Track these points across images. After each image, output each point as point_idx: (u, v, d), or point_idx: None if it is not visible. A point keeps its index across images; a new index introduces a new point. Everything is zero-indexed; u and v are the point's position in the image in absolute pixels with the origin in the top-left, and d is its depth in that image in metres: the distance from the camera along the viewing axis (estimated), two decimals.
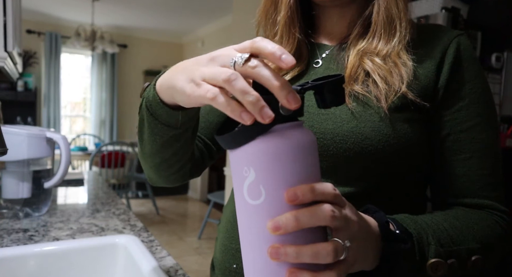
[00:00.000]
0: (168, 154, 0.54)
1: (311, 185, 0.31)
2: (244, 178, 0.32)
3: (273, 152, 0.31)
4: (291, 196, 0.30)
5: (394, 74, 0.53)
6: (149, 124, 0.49)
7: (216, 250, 0.67)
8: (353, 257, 0.34)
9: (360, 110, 0.53)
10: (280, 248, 0.30)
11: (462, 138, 0.53)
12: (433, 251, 0.44)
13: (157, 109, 0.46)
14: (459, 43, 0.55)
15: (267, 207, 0.31)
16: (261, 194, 0.31)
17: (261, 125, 0.31)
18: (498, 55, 1.91)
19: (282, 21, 0.61)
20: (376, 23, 0.56)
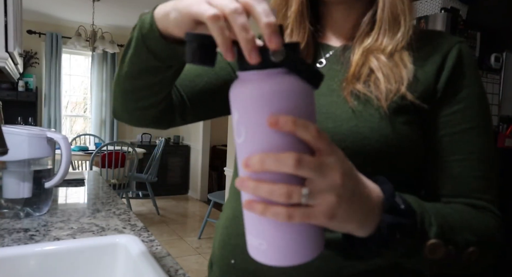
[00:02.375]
0: (142, 82, 0.55)
1: (294, 118, 0.32)
2: (233, 117, 0.35)
3: (251, 95, 0.32)
4: (272, 119, 0.32)
5: (395, 74, 0.53)
6: (136, 45, 0.49)
7: (214, 246, 0.67)
8: (325, 210, 0.34)
9: (361, 109, 0.53)
10: (244, 180, 0.33)
11: (457, 139, 0.54)
12: (433, 232, 0.43)
13: (149, 33, 0.46)
14: (460, 49, 0.56)
15: (246, 146, 0.34)
16: (241, 133, 0.34)
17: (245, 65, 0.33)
18: (497, 56, 1.91)
19: (293, 15, 0.61)
20: (381, 20, 0.57)
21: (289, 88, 0.33)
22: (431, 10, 1.86)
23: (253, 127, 0.33)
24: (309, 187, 0.33)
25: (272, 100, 0.32)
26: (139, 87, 0.55)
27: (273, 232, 0.34)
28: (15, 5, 1.70)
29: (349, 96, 0.54)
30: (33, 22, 5.06)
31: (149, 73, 0.52)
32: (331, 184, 0.34)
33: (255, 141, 0.33)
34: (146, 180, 4.25)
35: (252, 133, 0.33)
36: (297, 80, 0.33)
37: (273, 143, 0.33)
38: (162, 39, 0.45)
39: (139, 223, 0.91)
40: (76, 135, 5.23)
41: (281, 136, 0.33)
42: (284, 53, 0.32)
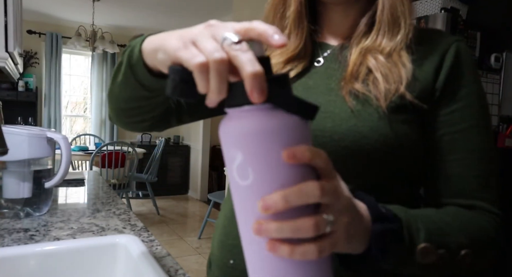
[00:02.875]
0: (133, 105, 0.55)
1: (307, 147, 0.31)
2: (233, 159, 0.32)
3: (258, 132, 0.31)
4: (290, 154, 0.30)
5: (394, 74, 0.53)
6: (125, 74, 0.49)
7: (213, 246, 0.67)
8: (341, 232, 0.34)
9: (360, 109, 0.53)
10: (263, 224, 0.31)
11: (456, 139, 0.54)
12: (422, 237, 0.43)
13: (136, 65, 0.46)
14: (458, 48, 0.56)
15: (256, 187, 0.31)
16: (249, 175, 0.31)
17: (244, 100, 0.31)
18: (497, 56, 1.91)
19: (292, 16, 0.61)
20: (381, 22, 0.57)
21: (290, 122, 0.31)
22: (431, 10, 1.86)
23: (264, 166, 0.31)
24: (330, 213, 0.32)
25: (284, 132, 0.31)
26: (131, 107, 0.55)
27: (300, 274, 0.32)
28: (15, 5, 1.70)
29: (347, 95, 0.54)
30: (33, 22, 5.06)
31: (140, 99, 0.52)
32: (344, 205, 0.34)
33: (268, 179, 0.31)
34: (146, 180, 4.25)
35: (263, 172, 0.31)
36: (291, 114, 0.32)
37: (288, 177, 0.31)
38: (150, 74, 0.45)
39: (139, 223, 0.91)
40: (76, 135, 5.23)
41: (293, 169, 0.31)
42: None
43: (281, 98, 0.31)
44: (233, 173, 0.32)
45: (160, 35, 0.40)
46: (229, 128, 0.32)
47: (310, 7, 0.63)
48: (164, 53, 0.38)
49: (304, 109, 0.32)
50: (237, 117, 0.32)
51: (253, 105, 0.31)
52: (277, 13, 0.63)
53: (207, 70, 0.32)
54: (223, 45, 0.32)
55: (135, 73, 0.47)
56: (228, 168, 0.33)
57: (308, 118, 0.32)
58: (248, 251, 0.34)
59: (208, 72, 0.32)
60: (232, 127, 0.32)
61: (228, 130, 0.32)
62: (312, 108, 0.32)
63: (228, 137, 0.32)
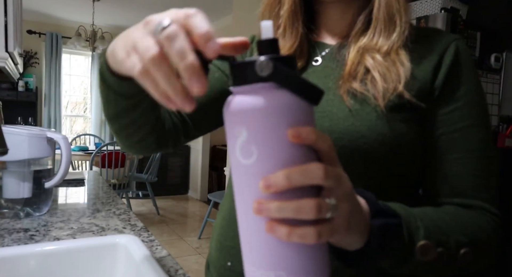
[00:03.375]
0: (124, 122, 0.54)
1: (312, 128, 0.31)
2: (237, 137, 0.32)
3: (265, 109, 0.30)
4: (295, 133, 0.30)
5: (392, 73, 0.53)
6: (103, 91, 0.49)
7: (211, 248, 0.67)
8: (342, 220, 0.33)
9: (358, 108, 0.53)
10: (263, 203, 0.30)
11: (455, 138, 0.54)
12: (421, 234, 0.43)
13: (107, 77, 0.45)
14: (457, 46, 0.55)
15: (259, 166, 0.31)
16: (252, 152, 0.31)
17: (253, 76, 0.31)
18: (497, 56, 1.91)
19: (285, 15, 0.61)
20: (377, 19, 0.57)
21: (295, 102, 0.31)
22: (431, 10, 1.86)
23: (268, 143, 0.30)
24: (333, 197, 0.32)
25: (290, 112, 0.31)
26: (125, 124, 0.55)
27: (296, 258, 0.31)
28: (15, 5, 1.70)
29: (345, 94, 0.54)
30: (33, 22, 5.06)
31: (128, 112, 0.52)
32: (345, 191, 0.34)
33: (271, 158, 0.31)
34: (146, 180, 4.25)
35: (267, 150, 0.31)
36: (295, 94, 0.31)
37: (291, 156, 0.31)
38: (121, 80, 0.45)
39: (139, 223, 0.91)
40: (76, 136, 5.23)
41: (297, 149, 0.31)
42: (270, 68, 0.30)
43: (287, 78, 0.31)
44: (236, 152, 0.32)
45: (114, 41, 0.39)
46: (234, 105, 0.32)
47: (307, 7, 0.63)
48: (117, 65, 0.38)
49: (309, 92, 0.31)
50: (243, 95, 0.32)
51: (259, 83, 0.31)
52: (271, 12, 0.63)
53: (150, 75, 0.31)
54: (158, 38, 0.31)
55: (109, 85, 0.47)
56: (231, 147, 0.33)
57: (313, 102, 0.32)
58: (245, 233, 0.33)
59: (151, 76, 0.31)
60: (237, 104, 0.31)
61: (233, 108, 0.32)
62: (317, 92, 0.31)
63: (232, 115, 0.32)
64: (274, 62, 0.30)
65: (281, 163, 0.31)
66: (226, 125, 0.33)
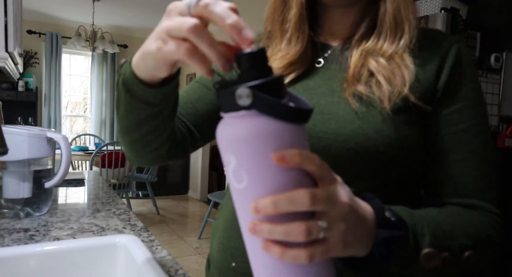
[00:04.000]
0: (145, 130, 0.54)
1: (298, 150, 0.31)
2: (228, 163, 0.33)
3: (248, 136, 0.31)
4: (278, 157, 0.30)
5: (397, 76, 0.53)
6: (126, 101, 0.49)
7: (212, 248, 0.66)
8: (336, 239, 0.33)
9: (364, 111, 0.53)
10: (257, 225, 0.32)
11: (457, 139, 0.54)
12: (427, 242, 0.43)
13: (133, 86, 0.46)
14: (459, 49, 0.56)
15: (250, 190, 0.32)
16: (243, 178, 0.32)
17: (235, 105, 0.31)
18: (497, 56, 1.91)
19: (293, 19, 0.60)
20: (383, 24, 0.56)
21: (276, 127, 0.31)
22: (431, 10, 1.86)
23: (256, 169, 0.31)
24: (324, 220, 0.32)
25: (272, 138, 0.31)
26: (145, 133, 0.54)
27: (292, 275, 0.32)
28: (15, 5, 1.70)
29: (350, 97, 0.54)
30: (33, 22, 5.06)
31: (150, 119, 0.52)
32: (341, 212, 0.34)
33: (259, 183, 0.32)
34: (146, 180, 4.25)
35: (255, 176, 0.32)
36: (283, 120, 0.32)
37: (279, 181, 0.31)
38: (149, 88, 0.45)
39: (139, 223, 0.91)
40: (76, 136, 5.23)
41: (285, 173, 0.31)
42: (250, 98, 0.30)
43: (268, 105, 0.31)
44: (229, 176, 0.33)
45: (142, 46, 0.41)
46: (223, 133, 0.33)
47: (309, 8, 0.62)
48: (152, 59, 0.39)
49: (293, 115, 0.31)
50: (229, 123, 0.32)
51: (240, 111, 0.31)
52: (278, 16, 0.62)
53: (195, 49, 0.34)
54: (190, 13, 0.34)
55: (134, 93, 0.47)
56: (226, 170, 0.34)
57: (300, 122, 0.32)
58: (249, 248, 0.35)
59: (197, 50, 0.34)
60: (225, 132, 0.32)
61: (222, 135, 0.33)
62: (304, 112, 0.32)
63: (223, 142, 0.33)
64: (253, 91, 0.30)
65: (270, 188, 0.31)
66: (219, 149, 0.34)
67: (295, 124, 0.32)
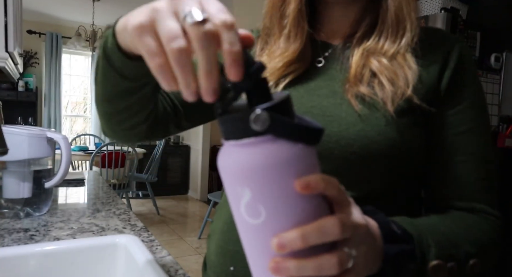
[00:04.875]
0: (120, 106, 0.50)
1: (321, 175, 0.29)
2: (240, 197, 0.29)
3: (266, 167, 0.28)
4: (303, 184, 0.28)
5: (400, 76, 0.52)
6: (103, 69, 0.45)
7: (210, 251, 0.64)
8: (362, 264, 0.32)
9: (367, 113, 0.52)
10: (281, 262, 0.29)
11: (458, 140, 0.53)
12: (433, 253, 0.42)
13: (112, 53, 0.41)
14: (461, 49, 0.55)
15: (269, 225, 0.29)
16: (260, 213, 0.29)
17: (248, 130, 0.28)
18: (497, 56, 1.91)
19: (292, 15, 0.58)
20: (384, 23, 0.55)
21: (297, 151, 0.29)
22: (431, 10, 1.86)
23: (276, 200, 0.28)
24: (351, 246, 0.31)
25: (293, 163, 0.28)
26: (119, 109, 0.51)
27: None
28: (15, 5, 1.70)
29: (353, 99, 0.53)
30: (33, 22, 5.06)
31: (126, 95, 0.48)
32: (361, 235, 0.32)
33: (281, 215, 0.29)
34: (146, 180, 4.25)
35: (275, 208, 0.28)
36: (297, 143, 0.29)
37: (303, 210, 0.29)
38: (127, 59, 0.41)
39: (139, 223, 0.91)
40: (76, 136, 5.23)
41: (307, 200, 0.29)
42: (267, 122, 0.27)
43: (285, 128, 0.28)
44: (241, 211, 0.30)
45: (130, 13, 0.35)
46: (232, 164, 0.29)
47: (309, 5, 0.60)
48: (128, 35, 0.34)
49: (309, 135, 0.29)
50: (240, 151, 0.29)
51: (255, 137, 0.28)
52: (276, 12, 0.60)
53: (167, 69, 0.29)
54: (184, 25, 0.28)
55: (112, 62, 0.43)
56: (233, 205, 0.31)
57: (315, 143, 0.30)
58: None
59: (168, 69, 0.29)
60: (235, 163, 0.29)
61: (232, 166, 0.29)
62: (318, 132, 0.29)
63: (232, 174, 0.29)
64: (270, 114, 0.27)
65: (293, 219, 0.29)
66: (225, 182, 0.31)
67: (312, 146, 0.30)
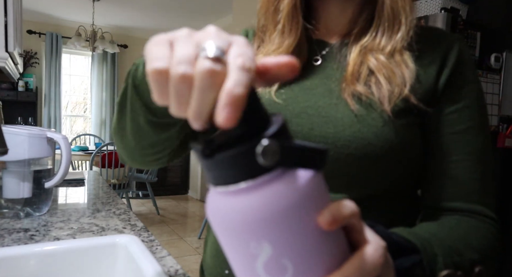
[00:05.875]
0: (143, 143, 0.48)
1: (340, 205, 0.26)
2: (255, 255, 0.24)
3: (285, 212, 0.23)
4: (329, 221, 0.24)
5: (397, 75, 0.51)
6: (131, 98, 0.43)
7: (206, 254, 0.64)
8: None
9: (363, 113, 0.51)
10: None
11: (455, 140, 0.53)
12: (441, 262, 0.41)
13: (141, 81, 0.40)
14: (460, 48, 0.54)
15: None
16: (286, 268, 0.24)
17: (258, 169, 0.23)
18: (497, 56, 1.91)
19: (286, 9, 0.57)
20: (380, 18, 0.54)
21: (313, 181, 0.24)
22: (431, 10, 1.86)
23: (302, 248, 0.24)
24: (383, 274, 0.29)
25: (312, 197, 0.24)
26: (142, 146, 0.48)
27: None
28: (15, 5, 1.70)
29: (350, 98, 0.52)
30: (33, 22, 5.06)
31: (150, 132, 0.45)
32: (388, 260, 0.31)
33: (311, 264, 0.24)
34: (146, 180, 4.25)
35: (303, 257, 0.24)
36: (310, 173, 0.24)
37: (330, 250, 0.25)
38: None
39: (139, 223, 0.91)
40: (76, 136, 5.23)
41: (331, 237, 0.25)
42: (278, 153, 0.23)
43: (295, 156, 0.24)
44: (256, 271, 0.24)
45: None
46: (239, 215, 0.23)
47: (306, 2, 0.59)
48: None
49: (319, 158, 0.25)
50: (248, 198, 0.23)
51: (264, 175, 0.23)
52: (270, 7, 0.59)
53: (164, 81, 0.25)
54: (198, 56, 0.25)
55: (141, 92, 0.40)
56: (243, 266, 0.25)
57: (323, 167, 0.25)
58: None
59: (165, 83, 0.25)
60: (244, 213, 0.23)
61: (239, 219, 0.23)
62: (324, 153, 0.25)
63: (240, 229, 0.24)
64: (281, 144, 0.23)
65: (327, 264, 0.25)
66: (227, 240, 0.25)
67: (321, 171, 0.25)
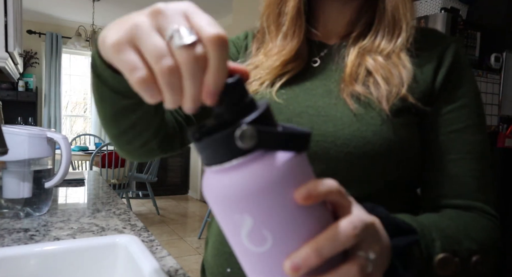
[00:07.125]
0: (122, 125, 0.48)
1: (317, 181, 0.27)
2: (239, 226, 0.27)
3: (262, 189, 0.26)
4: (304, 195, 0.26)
5: (394, 75, 0.52)
6: (97, 88, 0.43)
7: (207, 253, 0.64)
8: (379, 264, 0.30)
9: (362, 112, 0.52)
10: None
11: (453, 139, 0.53)
12: (439, 246, 0.41)
13: (101, 70, 0.39)
14: (456, 49, 0.55)
15: (278, 249, 0.27)
16: (266, 238, 0.26)
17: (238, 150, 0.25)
18: (497, 56, 1.91)
19: (291, 13, 0.58)
20: (381, 22, 0.55)
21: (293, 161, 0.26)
22: (431, 10, 1.86)
23: (281, 220, 0.26)
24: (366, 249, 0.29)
25: (291, 175, 0.26)
26: (124, 129, 0.49)
27: None
28: (15, 5, 1.70)
29: (348, 98, 0.53)
30: (33, 22, 5.06)
31: (126, 113, 0.46)
32: (372, 233, 0.30)
33: (290, 235, 0.26)
34: (146, 180, 4.25)
35: (282, 229, 0.26)
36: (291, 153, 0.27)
37: (309, 223, 0.27)
38: (117, 74, 0.38)
39: (139, 223, 0.91)
40: (76, 136, 5.23)
41: (310, 211, 0.27)
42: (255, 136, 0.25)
43: (272, 139, 0.26)
44: (242, 241, 0.27)
45: (109, 26, 0.31)
46: (225, 191, 0.26)
47: (306, 4, 0.60)
48: (107, 55, 0.29)
49: (299, 141, 0.27)
50: (231, 176, 0.26)
51: (244, 156, 0.26)
52: (274, 10, 0.60)
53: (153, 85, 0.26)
54: (171, 45, 0.25)
55: (103, 79, 0.40)
56: (231, 235, 0.28)
57: (305, 149, 0.27)
58: None
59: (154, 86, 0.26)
60: (229, 189, 0.26)
61: (225, 194, 0.26)
62: (306, 136, 0.27)
63: (226, 202, 0.27)
64: (256, 128, 0.25)
65: (302, 236, 0.27)
66: (217, 212, 0.28)
67: (303, 152, 0.28)
